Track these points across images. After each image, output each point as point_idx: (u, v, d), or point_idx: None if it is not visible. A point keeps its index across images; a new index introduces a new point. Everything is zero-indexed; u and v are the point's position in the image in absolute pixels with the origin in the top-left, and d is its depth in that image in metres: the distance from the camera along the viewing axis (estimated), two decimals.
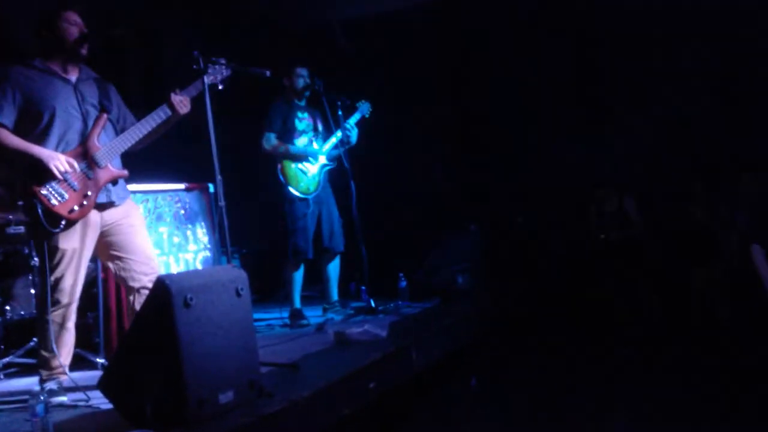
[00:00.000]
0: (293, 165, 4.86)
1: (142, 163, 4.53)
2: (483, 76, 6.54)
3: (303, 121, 4.99)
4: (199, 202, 4.53)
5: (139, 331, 2.66)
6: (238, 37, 5.99)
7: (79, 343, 3.93)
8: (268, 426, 2.59)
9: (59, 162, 2.97)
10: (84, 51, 3.18)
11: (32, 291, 4.03)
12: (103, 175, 3.12)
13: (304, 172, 4.88)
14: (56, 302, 3.06)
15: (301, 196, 4.84)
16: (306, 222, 4.82)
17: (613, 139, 6.06)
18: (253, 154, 4.91)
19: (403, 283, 5.38)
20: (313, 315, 4.96)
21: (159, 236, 4.30)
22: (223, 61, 3.39)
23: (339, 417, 3.01)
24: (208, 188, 4.55)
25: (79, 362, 3.81)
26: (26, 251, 3.96)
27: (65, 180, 2.98)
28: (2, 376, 3.75)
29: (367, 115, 5.19)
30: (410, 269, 5.56)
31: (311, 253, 4.86)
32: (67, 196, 2.99)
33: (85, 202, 3.04)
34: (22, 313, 4.00)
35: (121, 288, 3.93)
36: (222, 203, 3.27)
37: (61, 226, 2.98)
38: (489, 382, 4.42)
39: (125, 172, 3.25)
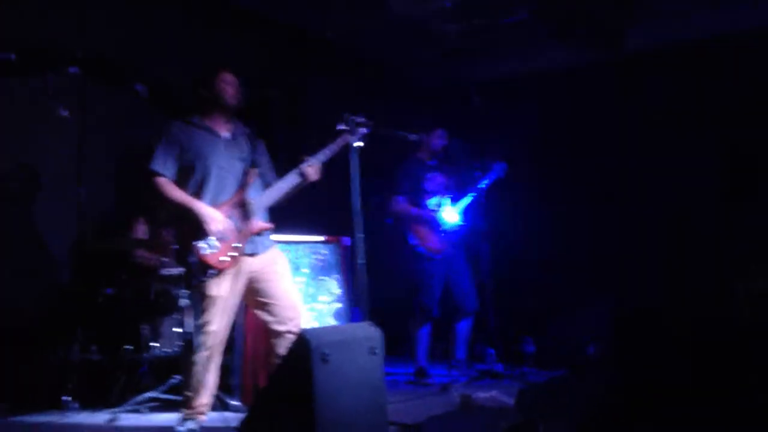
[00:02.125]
0: (423, 224, 4.91)
1: (281, 214, 4.77)
2: (622, 142, 6.36)
3: (433, 181, 5.04)
4: (335, 254, 4.67)
5: (278, 382, 2.76)
6: (375, 95, 6.19)
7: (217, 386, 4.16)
8: None
9: (218, 222, 3.20)
10: (235, 108, 3.41)
11: (178, 330, 4.28)
12: (251, 228, 3.32)
13: (435, 232, 4.92)
14: (203, 344, 3.23)
15: (429, 255, 4.87)
16: (432, 281, 4.84)
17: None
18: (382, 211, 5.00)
19: (531, 349, 5.25)
20: (438, 373, 4.93)
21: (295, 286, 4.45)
22: (368, 122, 3.50)
23: None
24: (343, 242, 4.68)
25: (215, 403, 4.00)
26: (175, 292, 4.23)
27: (220, 234, 3.20)
28: (145, 410, 3.98)
29: (502, 176, 5.18)
30: (539, 335, 5.42)
31: (437, 311, 4.86)
32: (218, 247, 3.20)
33: (234, 253, 3.23)
34: (167, 350, 4.25)
35: (259, 333, 4.11)
36: (362, 261, 3.36)
37: (211, 273, 3.18)
38: None
39: (271, 225, 3.44)
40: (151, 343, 4.15)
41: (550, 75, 6.58)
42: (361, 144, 3.51)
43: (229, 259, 3.23)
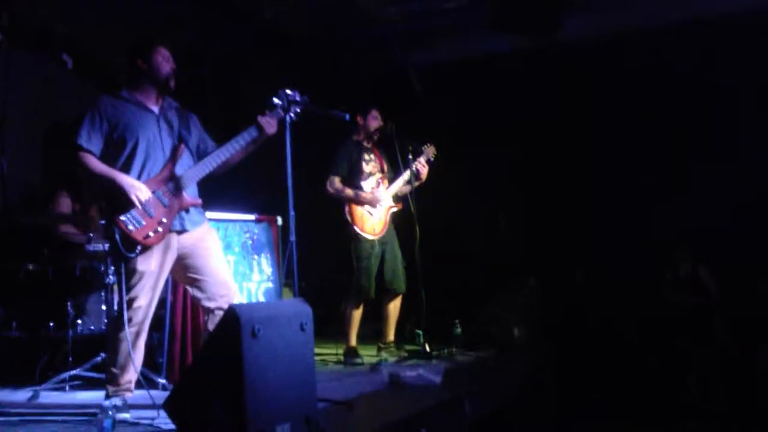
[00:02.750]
0: (360, 206, 4.95)
1: (213, 193, 4.72)
2: (552, 125, 6.53)
3: (370, 162, 5.09)
4: (267, 233, 4.65)
5: (206, 356, 2.75)
6: (311, 75, 6.16)
7: (142, 363, 4.10)
8: None
9: (140, 192, 3.13)
10: (172, 85, 3.37)
11: (103, 308, 4.20)
12: (177, 203, 3.26)
13: (371, 213, 4.97)
14: (129, 321, 3.18)
15: (367, 236, 4.92)
16: (370, 262, 4.89)
17: (690, 203, 5.94)
18: (316, 191, 5.01)
19: (458, 330, 5.37)
20: (367, 354, 4.99)
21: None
22: (303, 99, 3.49)
23: None
24: (276, 221, 4.67)
25: (145, 381, 3.95)
26: (102, 269, 4.14)
27: (143, 207, 3.14)
28: (68, 388, 3.89)
29: (433, 159, 5.26)
30: (467, 316, 5.55)
31: (373, 292, 4.91)
32: (143, 222, 3.14)
33: (159, 229, 3.18)
34: (92, 328, 4.17)
35: (187, 311, 4.07)
36: (293, 238, 3.37)
37: (137, 251, 3.13)
38: None
39: (199, 201, 3.38)
40: (77, 321, 4.06)
41: (488, 61, 6.68)
42: (293, 119, 3.50)
43: (154, 235, 3.16)
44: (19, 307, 4.08)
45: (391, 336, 5.12)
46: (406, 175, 5.06)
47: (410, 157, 5.07)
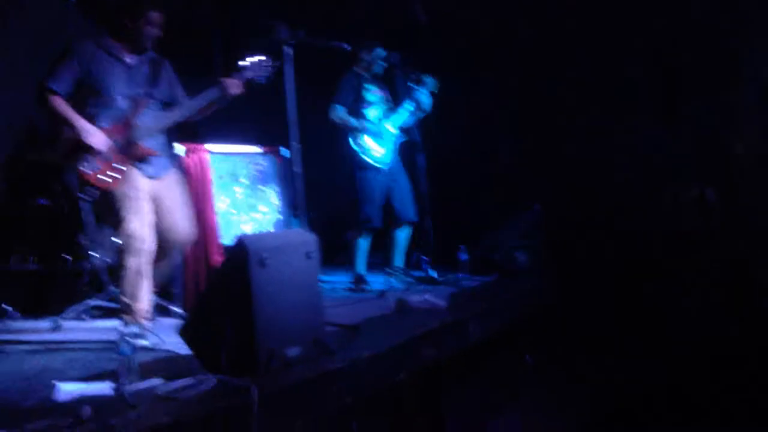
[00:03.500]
0: (366, 134, 4.99)
1: (220, 125, 4.76)
2: (558, 51, 6.43)
3: (374, 93, 5.11)
4: (274, 165, 4.72)
5: (217, 285, 2.86)
6: (312, 4, 6.07)
7: (158, 293, 4.24)
8: (329, 381, 2.76)
9: (96, 139, 3.28)
10: (149, 47, 3.48)
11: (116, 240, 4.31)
12: (134, 152, 3.40)
13: (377, 142, 5.01)
14: (129, 248, 3.30)
15: (375, 164, 4.97)
16: (375, 191, 4.97)
17: (694, 125, 5.89)
18: (322, 122, 5.04)
19: (464, 257, 5.48)
20: (376, 281, 5.13)
21: (234, 196, 4.51)
22: (274, 63, 3.57)
23: (396, 380, 3.17)
24: (280, 152, 4.72)
25: (158, 310, 4.10)
26: None
27: (99, 153, 3.29)
28: (87, 317, 4.04)
29: (435, 91, 5.26)
30: (472, 243, 5.64)
31: (379, 221, 5.01)
32: (99, 167, 3.30)
33: (115, 174, 3.32)
34: (107, 259, 4.29)
35: (199, 244, 4.18)
36: (298, 169, 3.44)
37: (90, 191, 3.31)
38: (543, 359, 4.51)
39: (154, 152, 3.48)
40: (91, 253, 4.18)
41: None
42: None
43: (108, 179, 3.31)
44: (35, 241, 4.19)
45: (399, 262, 5.24)
46: (409, 104, 5.07)
47: (414, 87, 5.07)
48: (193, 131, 4.05)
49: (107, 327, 3.77)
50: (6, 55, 4.38)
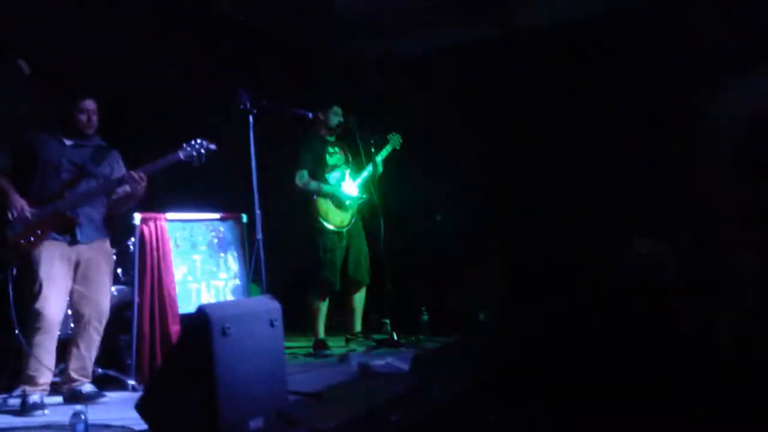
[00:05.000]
0: (326, 201, 5.01)
1: (178, 192, 4.72)
2: (513, 114, 6.63)
3: (334, 155, 5.16)
4: (233, 231, 4.67)
5: (177, 357, 2.79)
6: (269, 67, 6.14)
7: (110, 365, 4.11)
8: None
9: (16, 209, 3.58)
10: (88, 132, 3.84)
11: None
12: (56, 220, 3.67)
13: (337, 206, 5.03)
14: (36, 325, 3.55)
15: (334, 229, 4.98)
16: (335, 255, 4.96)
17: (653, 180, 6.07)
18: (279, 185, 5.05)
19: (425, 318, 5.48)
20: (335, 345, 5.07)
21: (193, 263, 4.45)
22: (210, 147, 3.80)
23: None
24: (241, 218, 4.70)
25: (111, 383, 3.96)
26: None
27: (21, 219, 3.58)
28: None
29: (398, 147, 5.36)
30: (432, 304, 5.65)
31: (337, 285, 4.98)
32: (20, 230, 3.57)
33: (32, 238, 3.59)
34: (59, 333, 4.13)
35: (155, 312, 4.10)
36: (260, 236, 3.43)
37: (11, 251, 3.57)
38: (507, 418, 4.47)
39: (76, 220, 3.73)
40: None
41: (445, 51, 6.76)
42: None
43: (25, 242, 3.56)
44: None
45: (358, 326, 5.20)
46: (369, 167, 5.13)
47: (373, 150, 5.14)
48: (151, 200, 4.04)
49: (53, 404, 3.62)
50: None
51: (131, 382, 3.95)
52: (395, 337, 5.01)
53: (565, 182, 6.35)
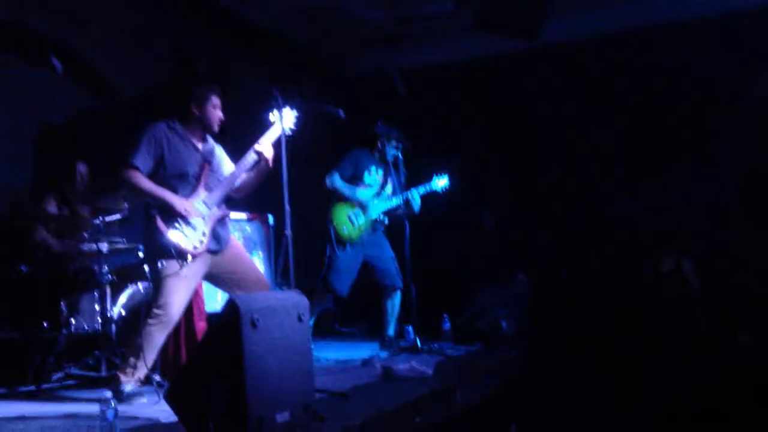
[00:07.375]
0: (345, 210, 5.01)
1: None
2: (538, 128, 6.64)
3: (374, 176, 5.17)
4: (259, 232, 4.71)
5: (207, 347, 2.80)
6: (305, 83, 6.21)
7: None
8: None
9: (187, 207, 3.50)
10: (216, 129, 3.73)
11: (97, 307, 4.22)
12: (212, 216, 3.59)
13: (352, 221, 5.03)
14: (159, 319, 3.46)
15: (350, 239, 4.98)
16: (339, 263, 4.96)
17: (672, 198, 6.05)
18: (305, 192, 5.06)
19: (447, 325, 5.45)
20: (362, 348, 5.05)
21: None
22: (297, 99, 3.70)
23: None
24: (267, 219, 4.73)
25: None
26: (96, 269, 4.17)
27: (188, 222, 3.48)
28: (64, 387, 3.91)
29: (440, 191, 5.23)
30: (456, 312, 5.62)
31: (344, 292, 4.98)
32: (188, 234, 3.49)
33: (203, 239, 3.53)
34: (86, 327, 4.18)
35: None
36: (288, 232, 3.45)
37: (183, 259, 3.45)
38: (527, 429, 4.43)
39: (228, 212, 3.69)
40: (70, 320, 4.09)
41: (472, 64, 6.80)
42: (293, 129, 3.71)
43: (199, 247, 3.49)
44: (12, 308, 4.08)
45: (390, 331, 5.17)
46: (398, 199, 5.10)
47: (415, 188, 5.14)
48: None
49: (85, 396, 3.66)
50: None
51: (156, 378, 3.96)
52: (418, 344, 4.99)
53: (589, 198, 6.35)
